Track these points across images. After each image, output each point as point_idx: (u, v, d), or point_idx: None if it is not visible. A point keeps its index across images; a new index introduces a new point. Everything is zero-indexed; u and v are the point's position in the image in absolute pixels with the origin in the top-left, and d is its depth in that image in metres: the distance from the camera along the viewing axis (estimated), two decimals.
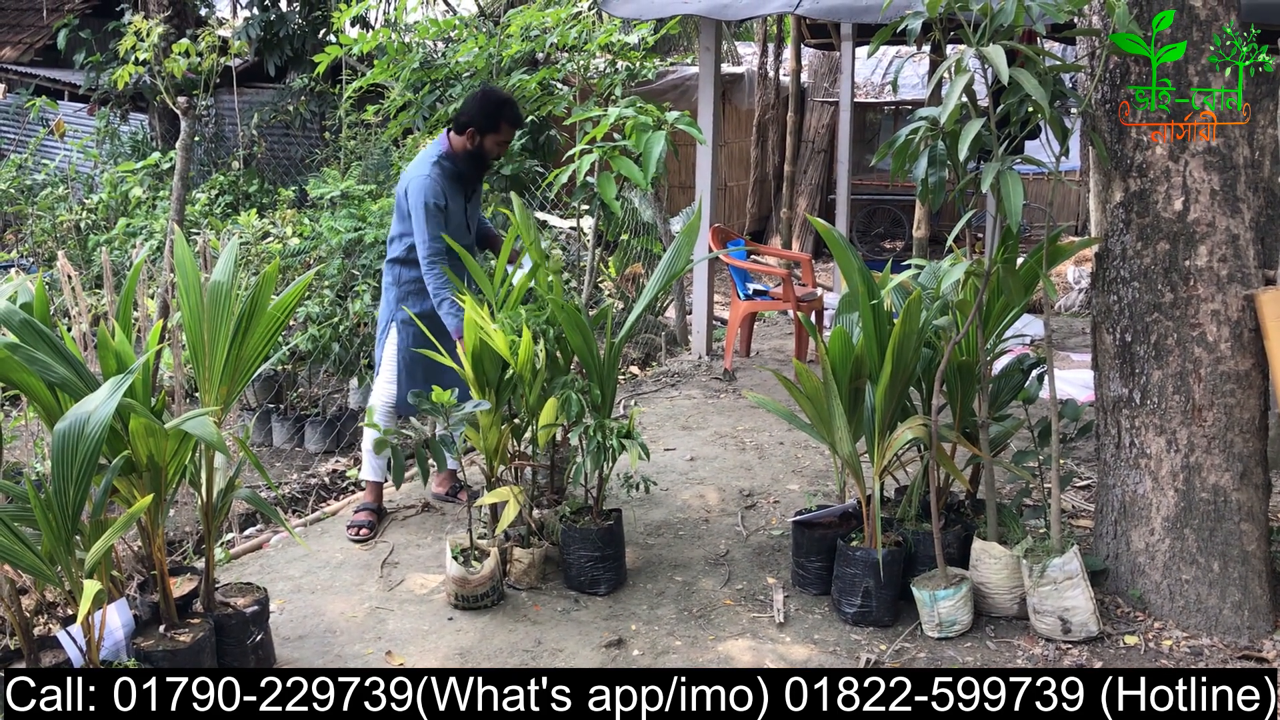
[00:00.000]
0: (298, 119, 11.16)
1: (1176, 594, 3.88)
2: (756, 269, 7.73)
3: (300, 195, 9.13)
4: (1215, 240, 3.76)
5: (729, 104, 13.04)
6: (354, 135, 9.75)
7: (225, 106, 11.87)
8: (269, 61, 10.96)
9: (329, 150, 10.42)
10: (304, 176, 9.66)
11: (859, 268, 4.03)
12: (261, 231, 7.51)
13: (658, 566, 4.49)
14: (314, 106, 11.11)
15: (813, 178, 12.88)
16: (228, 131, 11.96)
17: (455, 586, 4.05)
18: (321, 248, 7.23)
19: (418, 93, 7.08)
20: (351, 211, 7.45)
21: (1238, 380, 3.78)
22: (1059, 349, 8.02)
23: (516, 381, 4.13)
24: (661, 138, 4.32)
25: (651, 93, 11.42)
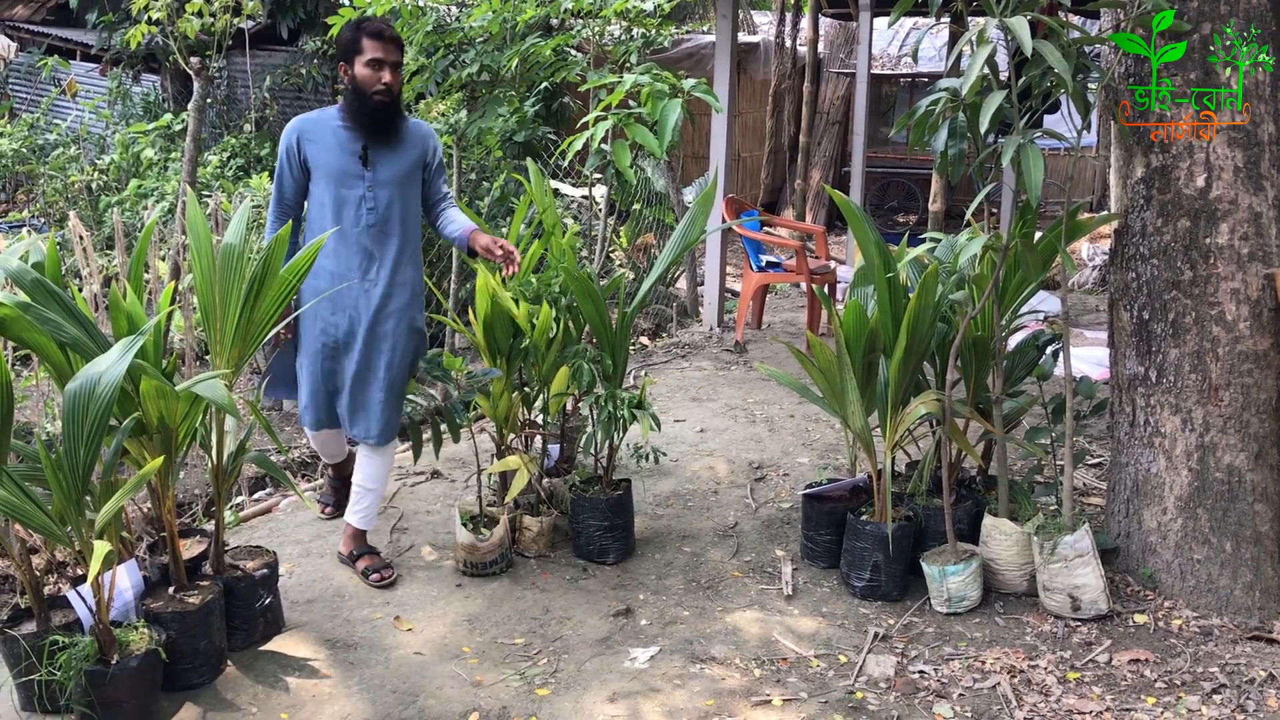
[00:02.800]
0: (310, 82, 11.10)
1: (1188, 573, 3.86)
2: (770, 240, 7.68)
3: None
4: (1237, 218, 3.72)
5: (744, 73, 12.94)
6: None
7: (237, 69, 11.81)
8: (282, 24, 10.90)
9: None
10: None
11: (875, 240, 4.00)
12: None
13: (666, 537, 4.49)
14: (326, 70, 11.05)
15: (827, 149, 12.80)
16: (239, 94, 11.90)
17: (464, 553, 4.05)
18: None
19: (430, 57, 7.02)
20: None
21: (1256, 360, 3.74)
22: (1074, 326, 7.97)
23: (529, 350, 4.11)
24: (678, 106, 4.27)
25: (666, 60, 11.34)
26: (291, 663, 3.53)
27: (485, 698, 3.36)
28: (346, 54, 3.85)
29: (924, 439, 4.66)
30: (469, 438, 4.34)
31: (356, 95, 3.82)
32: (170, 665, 3.24)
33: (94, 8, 11.16)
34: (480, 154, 7.59)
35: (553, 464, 4.61)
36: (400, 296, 3.91)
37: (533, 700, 3.35)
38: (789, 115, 12.76)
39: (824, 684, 3.48)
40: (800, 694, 3.41)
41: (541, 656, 3.60)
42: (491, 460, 4.31)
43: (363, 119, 3.84)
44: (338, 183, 3.86)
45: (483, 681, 3.45)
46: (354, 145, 3.86)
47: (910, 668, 3.57)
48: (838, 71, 12.72)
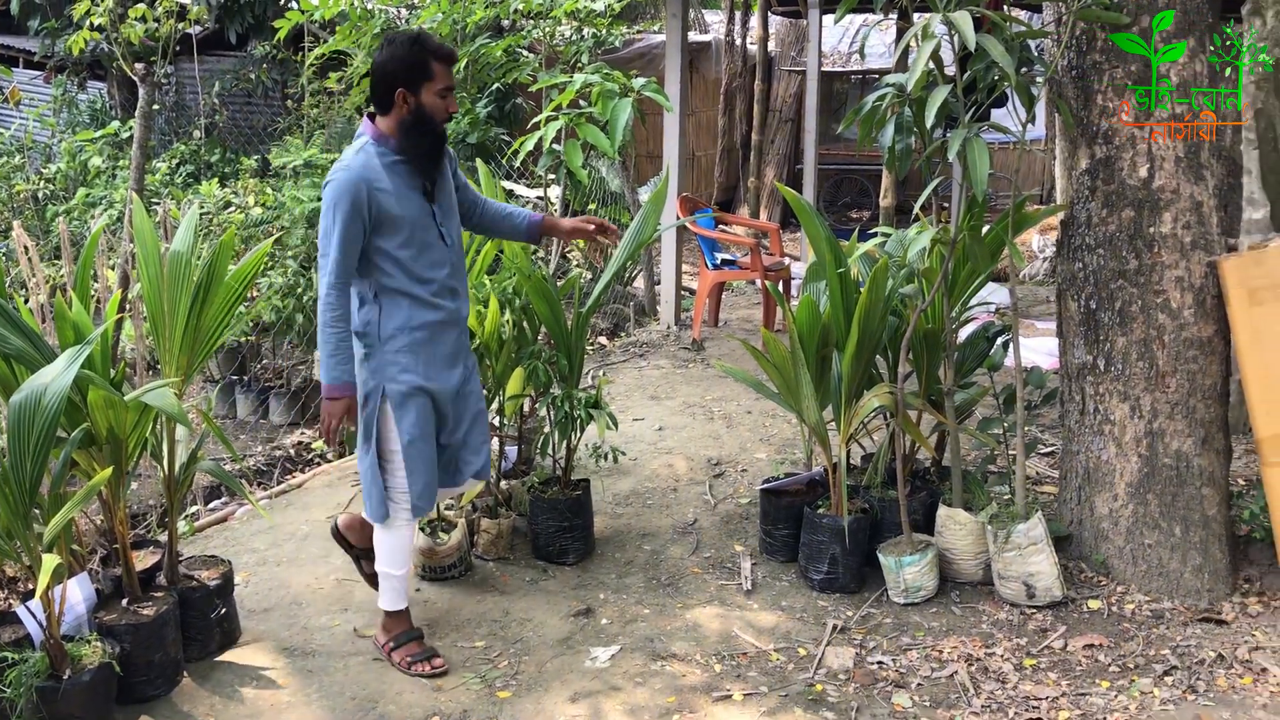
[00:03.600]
0: (260, 87, 11.00)
1: (1139, 558, 3.92)
2: (724, 238, 7.71)
3: (263, 164, 9.01)
4: (1179, 207, 3.78)
5: (696, 72, 12.96)
6: (317, 103, 9.62)
7: (186, 75, 11.68)
8: (230, 29, 10.78)
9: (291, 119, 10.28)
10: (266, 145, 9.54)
11: (826, 236, 4.02)
12: (223, 201, 7.41)
13: (626, 535, 4.49)
14: (276, 74, 10.96)
15: (780, 147, 12.85)
16: (189, 100, 11.77)
17: (422, 558, 4.04)
18: (284, 217, 7.14)
19: None
20: (315, 180, 7.36)
21: (1201, 346, 3.80)
22: (1024, 317, 8.06)
23: (483, 352, 4.10)
24: (628, 105, 4.28)
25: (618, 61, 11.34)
26: (249, 673, 3.50)
27: (446, 701, 3.35)
28: (412, 79, 3.26)
29: (878, 432, 4.69)
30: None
31: (422, 126, 3.31)
32: (124, 678, 3.20)
33: (36, 14, 10.99)
34: None
35: (510, 466, 4.60)
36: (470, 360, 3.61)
37: (493, 703, 3.35)
38: (741, 113, 12.80)
39: (784, 677, 3.50)
40: (761, 688, 3.43)
41: (502, 659, 3.59)
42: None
43: (429, 152, 3.36)
44: (419, 229, 3.35)
45: (443, 685, 3.44)
46: (415, 182, 3.36)
47: (869, 659, 3.60)
48: (789, 69, 12.78)
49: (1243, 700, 3.34)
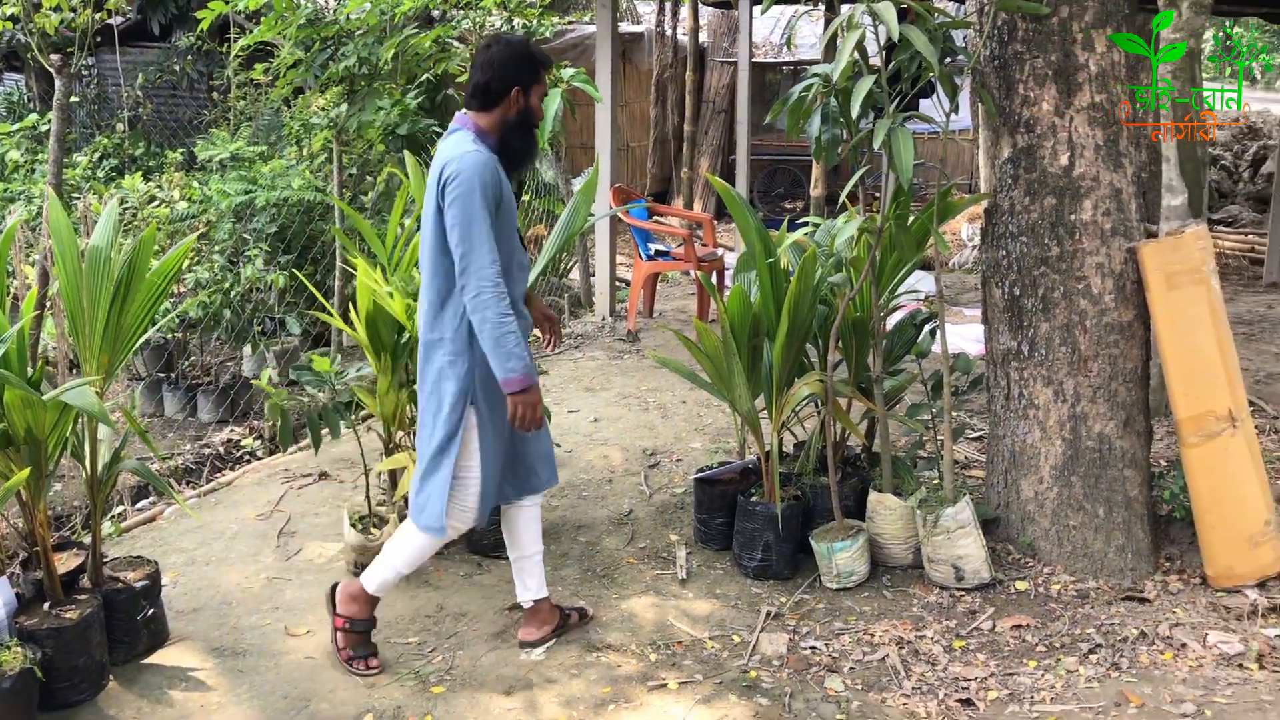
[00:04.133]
0: (184, 79, 10.78)
1: (1064, 539, 4.00)
2: (657, 229, 7.72)
3: (189, 158, 8.84)
4: (1099, 194, 3.85)
5: (629, 63, 12.95)
6: (243, 95, 9.46)
7: (108, 66, 11.41)
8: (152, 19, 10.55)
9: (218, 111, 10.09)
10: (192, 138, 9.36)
11: (756, 227, 4.04)
12: (148, 195, 7.26)
13: (561, 528, 4.49)
14: (201, 66, 10.74)
15: (714, 138, 12.89)
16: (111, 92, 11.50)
17: (355, 554, 4.00)
18: (211, 211, 7.02)
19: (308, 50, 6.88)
20: (242, 174, 7.25)
21: (1121, 331, 3.89)
22: (953, 305, 8.18)
23: (413, 345, 4.06)
24: (557, 96, 4.26)
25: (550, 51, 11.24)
26: (177, 674, 3.44)
27: (379, 698, 3.32)
28: (526, 79, 3.29)
29: (810, 420, 4.73)
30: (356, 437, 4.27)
31: (525, 126, 3.33)
32: (47, 684, 3.13)
33: None
34: (362, 148, 7.46)
35: None
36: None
37: (428, 698, 3.33)
38: (673, 104, 12.81)
39: (719, 665, 3.52)
40: (696, 676, 3.44)
41: (436, 654, 3.57)
42: (380, 459, 4.25)
43: (523, 152, 3.39)
44: (509, 228, 3.33)
45: (377, 682, 3.41)
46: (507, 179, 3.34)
47: (802, 644, 3.63)
48: (722, 60, 12.81)
49: (1164, 676, 3.42)
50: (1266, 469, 4.43)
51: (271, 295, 6.89)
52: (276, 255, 6.92)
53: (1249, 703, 3.26)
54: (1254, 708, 3.23)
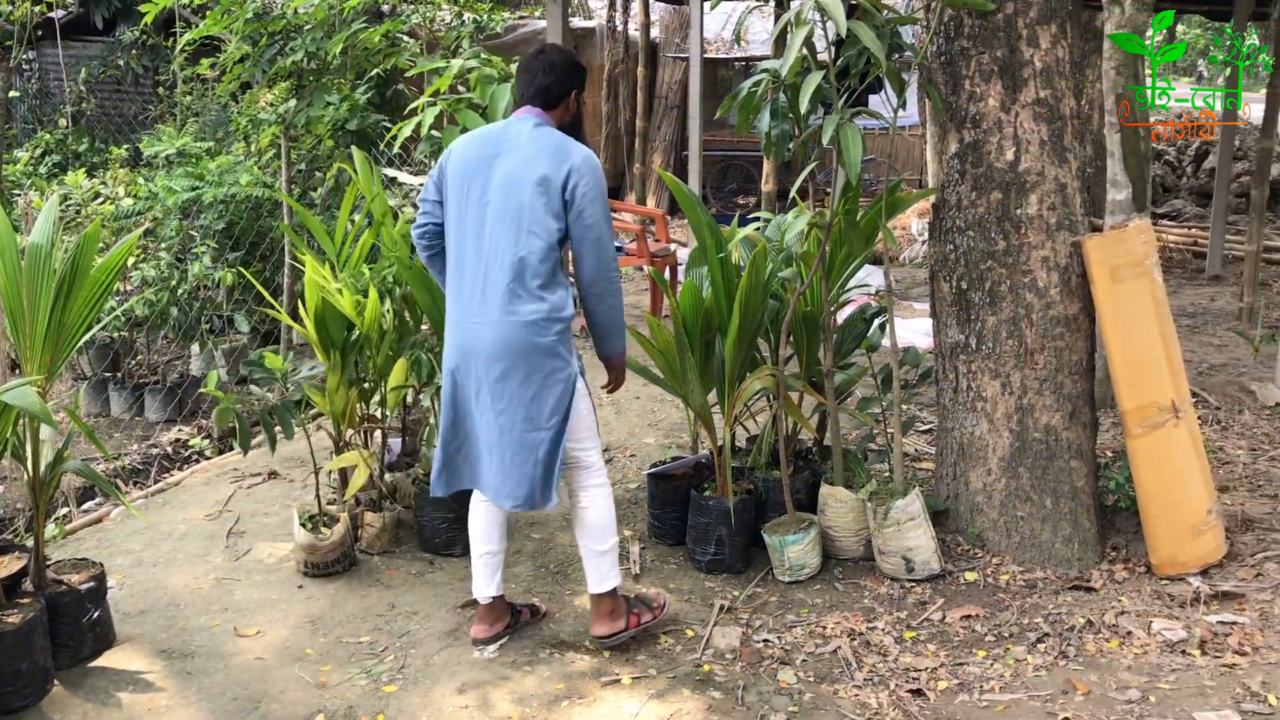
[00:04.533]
0: (129, 74, 10.63)
1: (1012, 530, 4.05)
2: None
3: (134, 154, 8.71)
4: (1045, 189, 3.90)
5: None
6: (190, 90, 9.34)
7: (49, 60, 11.21)
8: (95, 13, 10.39)
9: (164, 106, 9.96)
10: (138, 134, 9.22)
11: (707, 222, 4.05)
12: (91, 192, 7.14)
13: (514, 525, 4.47)
14: (146, 61, 10.60)
15: (667, 134, 12.90)
16: (53, 87, 11.31)
17: (304, 554, 3.96)
18: (157, 208, 6.92)
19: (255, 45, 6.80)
20: (189, 170, 7.15)
21: (1066, 324, 3.94)
22: (903, 299, 8.24)
23: (363, 342, 4.04)
24: (507, 90, 4.25)
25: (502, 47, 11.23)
26: (124, 677, 3.39)
27: (331, 698, 3.30)
28: (579, 86, 3.55)
29: (762, 414, 4.75)
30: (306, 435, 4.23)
31: (577, 126, 3.55)
32: None
33: None
34: (311, 144, 7.39)
35: (395, 458, 4.54)
36: None
37: (380, 697, 3.30)
38: (625, 100, 12.79)
39: (672, 659, 3.52)
40: (649, 670, 3.45)
41: (388, 653, 3.55)
42: (330, 458, 4.21)
43: None
44: None
45: (328, 682, 3.38)
46: None
47: (755, 637, 3.65)
48: (674, 56, 12.83)
49: (1110, 663, 3.47)
50: (1209, 459, 4.52)
51: (220, 293, 6.81)
52: (224, 252, 6.84)
53: (1192, 688, 3.32)
54: (1196, 693, 3.29)
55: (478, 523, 3.60)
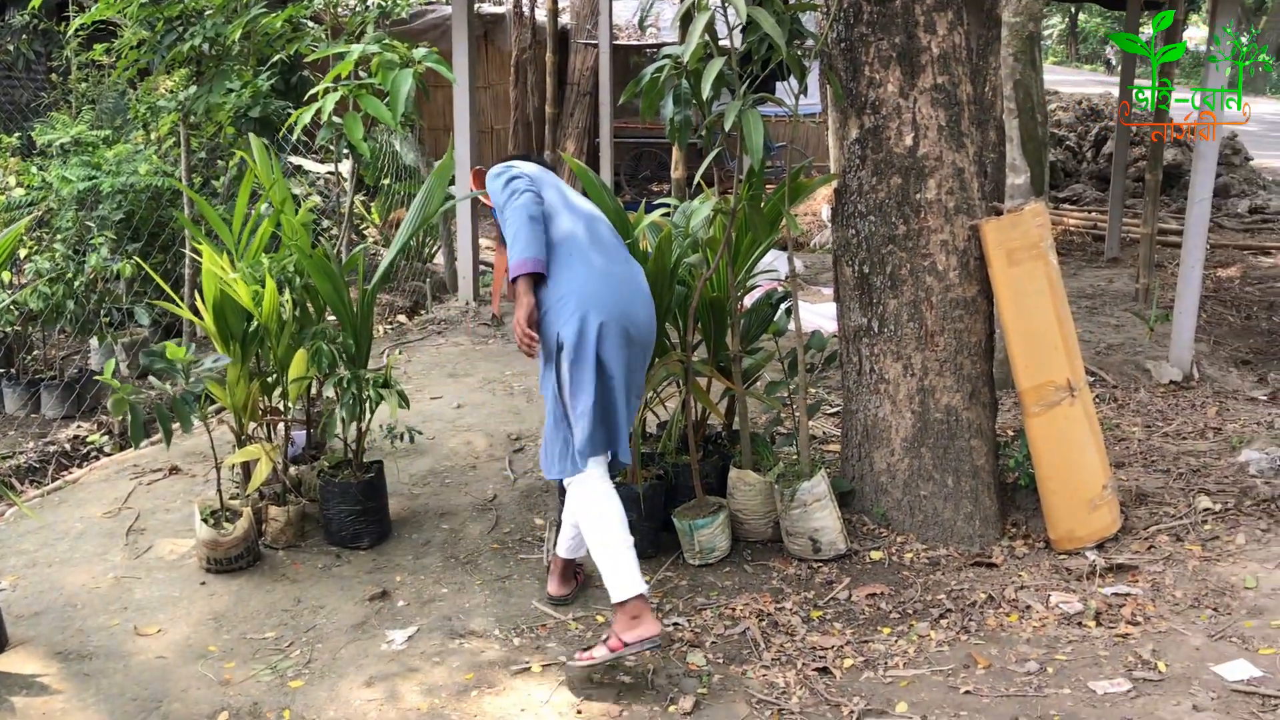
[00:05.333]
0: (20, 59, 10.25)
1: (916, 509, 4.12)
2: None
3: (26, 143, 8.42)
4: (943, 174, 3.97)
5: (491, 45, 12.82)
6: (85, 77, 9.05)
7: None
8: None
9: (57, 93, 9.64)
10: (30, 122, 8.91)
11: (614, 208, 4.05)
12: None
13: (424, 516, 4.43)
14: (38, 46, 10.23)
15: (579, 120, 12.85)
16: None
17: (207, 550, 3.88)
18: (52, 199, 6.70)
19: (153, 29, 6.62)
20: (85, 159, 6.93)
21: (965, 306, 4.02)
22: (811, 284, 8.34)
23: (263, 334, 3.96)
24: (409, 76, 4.19)
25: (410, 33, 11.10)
26: (17, 681, 3.30)
27: (235, 695, 3.24)
28: None
29: (671, 399, 4.76)
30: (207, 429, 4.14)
31: None
32: None
33: None
34: (212, 131, 7.22)
35: (299, 451, 4.47)
36: None
37: (285, 693, 3.26)
38: (533, 86, 12.71)
39: (583, 645, 3.52)
40: (559, 658, 3.45)
41: (294, 648, 3.50)
42: (233, 452, 4.13)
43: None
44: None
45: (232, 680, 3.32)
46: None
47: (665, 620, 3.67)
48: (585, 42, 12.77)
49: (1009, 636, 3.56)
50: (1105, 436, 4.65)
51: (119, 285, 6.62)
52: (123, 243, 6.65)
53: (1087, 658, 3.42)
54: (1091, 662, 3.39)
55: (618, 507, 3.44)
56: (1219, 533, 4.16)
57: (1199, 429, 5.33)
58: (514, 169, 3.53)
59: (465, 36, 7.27)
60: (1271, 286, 8.85)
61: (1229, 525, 4.22)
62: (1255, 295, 8.55)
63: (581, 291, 3.32)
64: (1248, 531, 4.15)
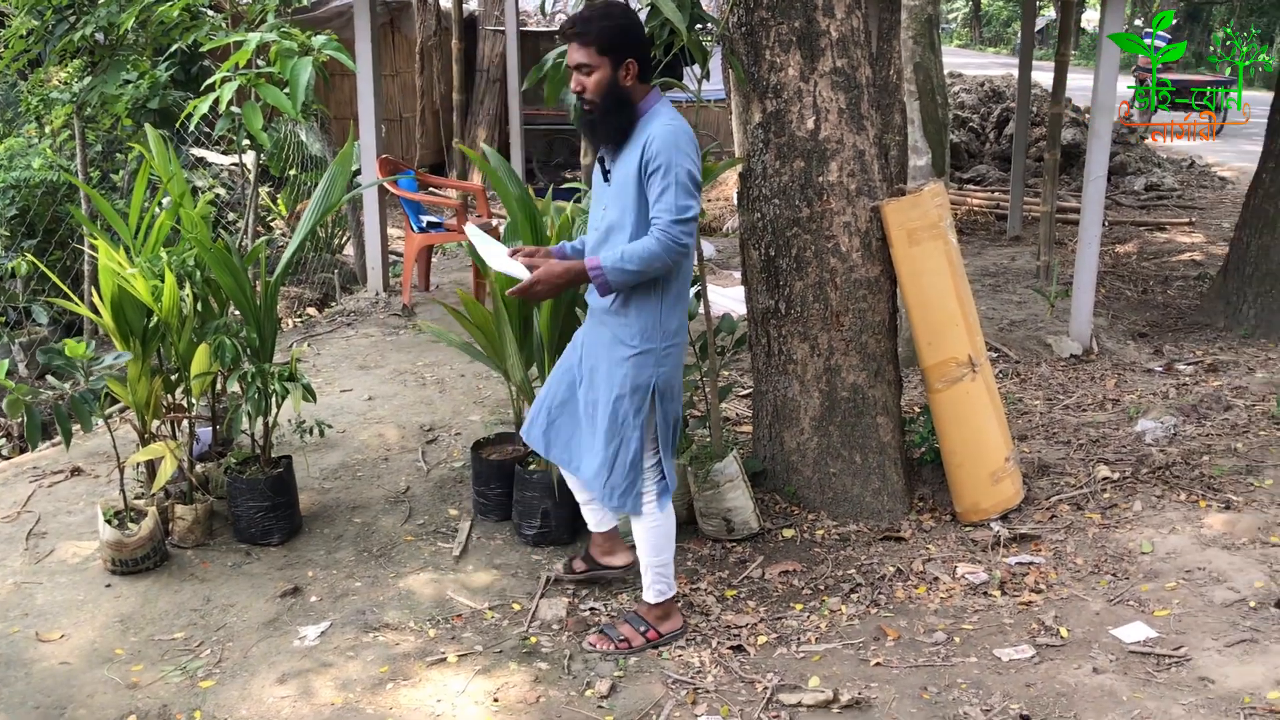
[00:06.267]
0: None
1: (826, 486, 4.19)
2: (427, 200, 7.61)
3: None
4: (844, 156, 4.03)
5: (397, 32, 12.64)
6: None
7: None
8: None
9: None
10: None
11: (518, 196, 4.04)
12: None
13: (335, 510, 4.39)
14: None
15: (490, 108, 12.75)
16: None
17: (111, 551, 3.80)
18: None
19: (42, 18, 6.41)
20: None
21: (869, 286, 4.09)
22: (724, 268, 8.40)
23: (164, 329, 3.88)
24: (309, 64, 4.12)
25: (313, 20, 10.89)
26: None
27: (143, 698, 3.18)
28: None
29: None
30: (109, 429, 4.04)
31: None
32: None
33: None
34: (109, 123, 7.03)
35: (205, 448, 4.39)
36: (602, 332, 3.30)
37: (196, 694, 3.21)
38: (439, 73, 12.57)
39: (499, 634, 3.53)
40: (475, 647, 3.45)
41: (204, 648, 3.45)
42: (136, 450, 4.04)
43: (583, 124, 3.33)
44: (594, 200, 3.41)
45: (140, 682, 3.26)
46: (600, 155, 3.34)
47: (581, 606, 3.69)
48: (493, 29, 12.67)
49: (918, 608, 3.65)
50: (1008, 410, 4.77)
51: (15, 284, 6.42)
52: (18, 240, 6.45)
53: (992, 626, 3.52)
54: (996, 630, 3.49)
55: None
56: (1117, 500, 4.30)
57: (1098, 400, 5.50)
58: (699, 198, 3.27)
59: (368, 24, 7.17)
60: (1166, 261, 9.14)
61: (1126, 493, 4.36)
62: (1151, 270, 8.82)
63: (684, 340, 3.40)
64: (1144, 499, 4.30)
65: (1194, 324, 7.06)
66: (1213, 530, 4.00)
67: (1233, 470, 4.49)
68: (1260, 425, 5.00)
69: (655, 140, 3.08)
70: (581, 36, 3.13)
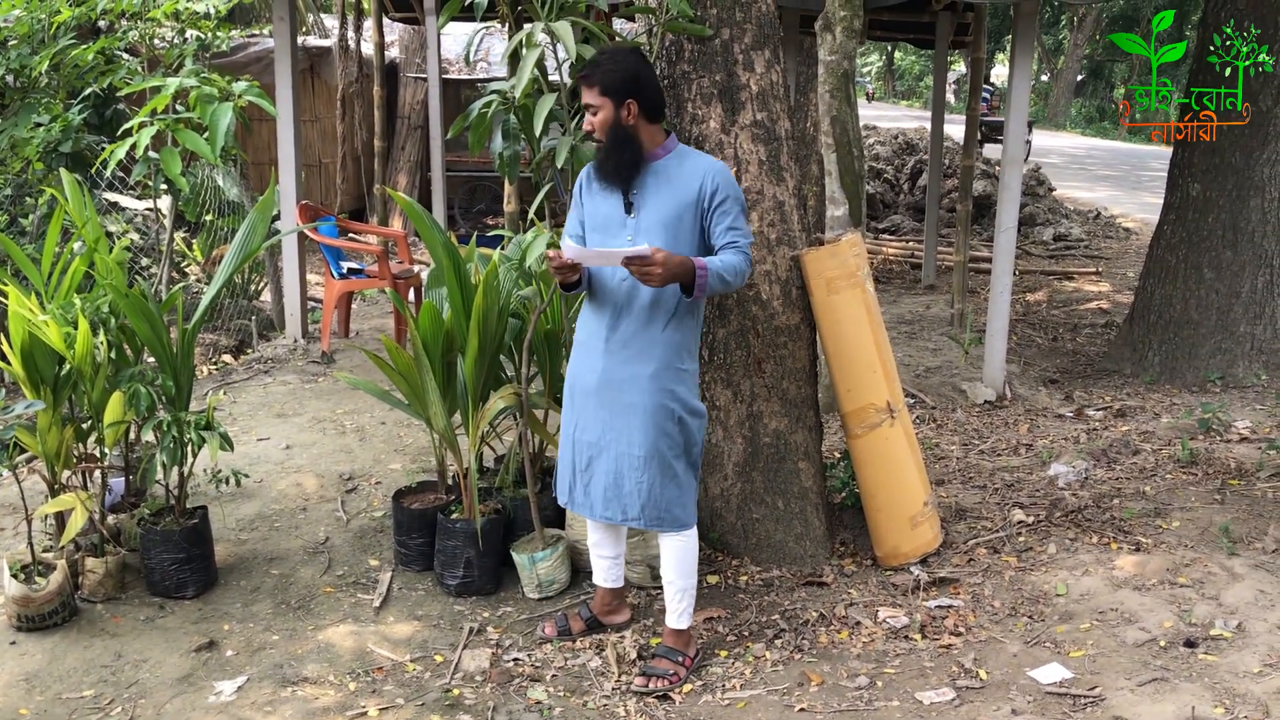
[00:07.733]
0: None
1: (749, 532, 4.22)
2: (348, 246, 7.55)
3: None
4: (765, 207, 4.10)
5: (318, 78, 12.59)
6: None
7: None
8: None
9: None
10: None
11: (443, 242, 4.03)
12: None
13: (252, 562, 4.30)
14: None
15: (411, 154, 12.73)
16: None
17: (17, 607, 3.67)
18: None
19: None
20: None
21: (789, 334, 4.15)
22: None
23: (76, 377, 3.79)
24: (228, 109, 4.10)
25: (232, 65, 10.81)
26: None
27: None
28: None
29: (510, 432, 4.76)
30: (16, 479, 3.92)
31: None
32: None
33: None
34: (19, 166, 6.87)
35: (117, 499, 4.28)
36: (645, 362, 3.37)
37: None
38: (360, 119, 12.54)
39: (420, 687, 3.48)
40: (397, 700, 3.39)
41: (115, 705, 3.34)
42: (45, 501, 3.92)
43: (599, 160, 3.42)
44: (601, 231, 3.44)
45: None
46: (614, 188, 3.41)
47: (505, 657, 3.65)
48: (415, 76, 12.69)
49: (841, 653, 3.68)
50: (925, 455, 4.86)
51: None
52: None
53: (914, 670, 3.56)
54: (918, 674, 3.53)
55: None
56: (1032, 543, 4.40)
57: (1012, 445, 5.63)
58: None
59: (289, 69, 7.13)
60: (1075, 309, 9.42)
61: (1041, 536, 4.46)
62: (1060, 318, 9.09)
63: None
64: (1058, 541, 4.40)
65: (1102, 370, 7.27)
66: (1124, 572, 4.10)
67: (1142, 513, 4.62)
68: (1167, 469, 5.16)
69: (717, 175, 3.33)
70: (588, 79, 3.31)
